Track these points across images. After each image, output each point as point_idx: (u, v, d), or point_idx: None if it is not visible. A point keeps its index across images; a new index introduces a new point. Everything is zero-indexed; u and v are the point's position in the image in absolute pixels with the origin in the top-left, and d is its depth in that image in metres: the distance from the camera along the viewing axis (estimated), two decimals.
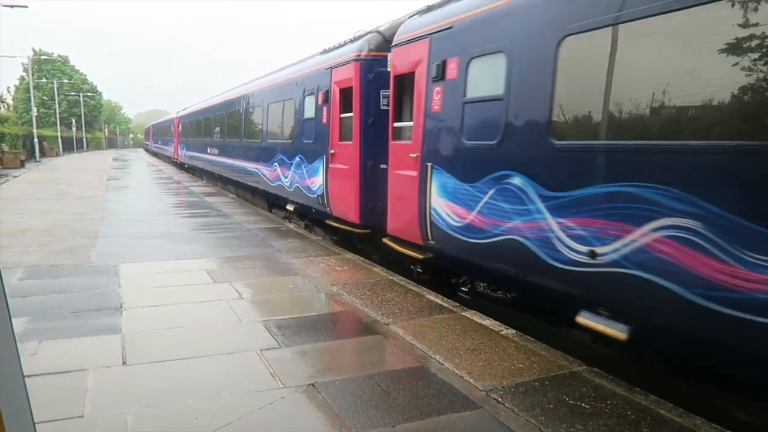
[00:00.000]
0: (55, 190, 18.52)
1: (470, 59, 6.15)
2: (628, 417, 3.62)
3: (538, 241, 5.06)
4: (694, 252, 3.67)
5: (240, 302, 6.09)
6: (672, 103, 3.95)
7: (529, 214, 5.16)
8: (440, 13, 6.92)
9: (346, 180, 9.34)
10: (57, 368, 4.20)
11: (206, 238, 10.09)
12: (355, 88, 8.92)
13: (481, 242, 5.89)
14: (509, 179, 5.45)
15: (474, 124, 6.13)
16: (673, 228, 3.83)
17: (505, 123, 5.53)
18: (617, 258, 4.25)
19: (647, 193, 3.99)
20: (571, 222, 4.69)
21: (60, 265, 7.60)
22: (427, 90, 6.94)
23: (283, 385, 4.02)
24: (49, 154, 52.26)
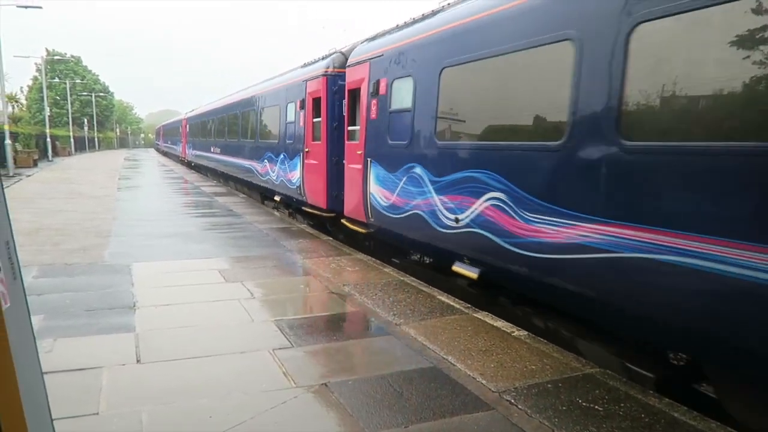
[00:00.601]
0: (68, 190, 18.69)
1: (393, 80, 8.00)
2: (642, 420, 3.59)
3: (430, 213, 6.92)
4: (502, 215, 5.56)
5: (252, 302, 6.12)
6: (490, 119, 6.18)
7: (425, 194, 7.06)
8: (376, 43, 8.88)
9: (316, 173, 11.13)
10: (72, 366, 4.24)
11: (217, 238, 10.14)
12: (322, 98, 10.74)
13: (399, 216, 7.78)
14: (414, 169, 7.34)
15: (395, 128, 7.93)
16: (493, 199, 5.72)
17: (412, 128, 7.43)
18: (468, 222, 6.13)
19: (481, 176, 5.93)
20: (446, 198, 6.59)
21: (73, 263, 7.66)
22: (368, 102, 8.79)
23: (296, 384, 4.03)
24: (61, 154, 52.68)
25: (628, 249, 4.19)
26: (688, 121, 3.95)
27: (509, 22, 5.60)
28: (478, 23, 6.16)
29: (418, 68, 7.36)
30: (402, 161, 7.66)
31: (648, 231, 4.03)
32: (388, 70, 8.18)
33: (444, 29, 6.87)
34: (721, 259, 3.52)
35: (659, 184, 4.02)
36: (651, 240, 4.00)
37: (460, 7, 6.73)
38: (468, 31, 6.32)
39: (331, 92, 10.61)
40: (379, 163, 8.42)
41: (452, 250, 6.59)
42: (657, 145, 4.04)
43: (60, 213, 12.71)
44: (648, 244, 4.03)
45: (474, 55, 6.15)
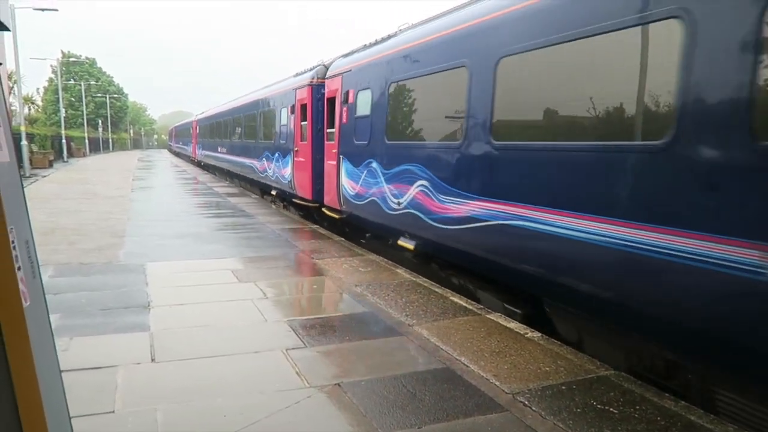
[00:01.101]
0: (83, 190, 18.89)
1: (358, 91, 9.74)
2: (658, 422, 3.56)
3: (382, 199, 8.56)
4: (427, 198, 7.15)
5: (265, 302, 6.14)
6: (419, 123, 7.86)
7: (378, 184, 8.69)
8: (347, 59, 10.78)
9: (303, 170, 12.76)
10: (88, 364, 4.28)
11: (230, 238, 10.19)
12: (308, 105, 12.36)
13: (362, 203, 9.43)
14: (371, 164, 8.97)
15: (359, 131, 9.62)
16: (421, 186, 7.32)
17: (370, 130, 9.11)
18: (406, 204, 7.74)
19: (414, 168, 7.54)
20: (392, 186, 8.21)
21: (89, 263, 7.74)
22: (340, 108, 10.51)
23: (309, 384, 4.04)
24: (76, 155, 53.28)
25: (498, 218, 5.80)
26: (527, 127, 5.85)
27: (432, 50, 7.41)
28: (413, 48, 8.00)
29: (374, 82, 9.11)
30: (363, 157, 9.38)
31: (509, 204, 5.63)
32: (355, 83, 9.98)
33: (391, 52, 8.71)
34: (544, 222, 5.14)
35: (515, 171, 5.71)
36: (511, 211, 5.60)
37: (401, 36, 8.75)
38: (407, 54, 8.16)
39: (316, 99, 12.19)
40: (348, 159, 10.13)
41: (397, 227, 8.25)
42: (511, 144, 5.79)
43: (75, 213, 12.85)
44: (510, 215, 5.61)
45: (409, 74, 8.00)
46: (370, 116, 9.17)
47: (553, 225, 5.02)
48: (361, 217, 9.69)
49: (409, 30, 8.69)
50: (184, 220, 12.46)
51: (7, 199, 1.64)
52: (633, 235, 4.23)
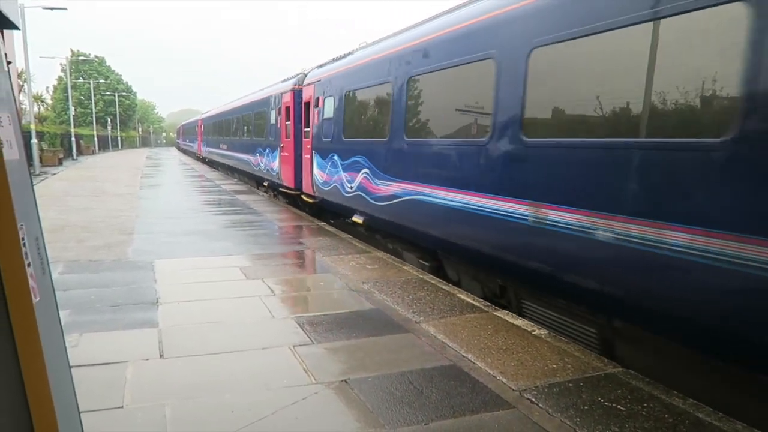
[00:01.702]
0: (92, 188, 19.02)
1: (325, 97, 11.88)
2: (666, 420, 3.55)
3: (341, 185, 10.65)
4: (368, 182, 9.08)
5: (272, 299, 6.17)
6: (363, 124, 9.99)
7: (338, 173, 10.78)
8: (318, 71, 13.11)
9: (288, 163, 14.90)
10: (97, 360, 4.32)
11: (238, 236, 10.24)
12: (291, 108, 14.56)
13: (328, 189, 11.58)
14: (334, 157, 11.11)
15: (326, 130, 11.78)
16: (364, 173, 9.29)
17: (333, 130, 11.26)
18: (356, 187, 9.76)
19: (360, 159, 9.54)
20: (347, 174, 10.28)
21: (98, 260, 7.80)
22: (313, 111, 12.73)
23: (317, 380, 4.06)
24: (85, 153, 53.62)
25: (407, 194, 7.98)
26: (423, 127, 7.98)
27: (373, 67, 9.59)
28: (362, 65, 10.21)
29: (336, 91, 11.30)
30: (329, 152, 11.53)
31: (416, 185, 7.71)
32: (324, 91, 12.13)
33: (347, 67, 11.00)
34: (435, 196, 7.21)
35: (419, 158, 7.79)
36: (417, 189, 7.70)
37: (356, 53, 10.99)
38: (358, 69, 10.41)
39: (297, 103, 14.27)
40: (319, 153, 12.28)
41: (351, 207, 10.37)
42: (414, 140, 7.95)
43: (85, 210, 12.94)
44: (416, 192, 7.72)
45: (358, 86, 10.28)
46: (333, 118, 11.38)
47: (441, 198, 7.08)
48: (328, 200, 11.93)
49: (362, 48, 10.99)
50: (192, 217, 12.52)
51: (17, 196, 1.65)
52: (477, 201, 6.30)
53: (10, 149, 1.70)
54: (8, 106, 1.75)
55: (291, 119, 14.46)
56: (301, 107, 14.00)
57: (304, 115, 13.74)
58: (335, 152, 11.09)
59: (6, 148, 1.62)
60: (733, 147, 3.59)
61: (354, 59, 10.80)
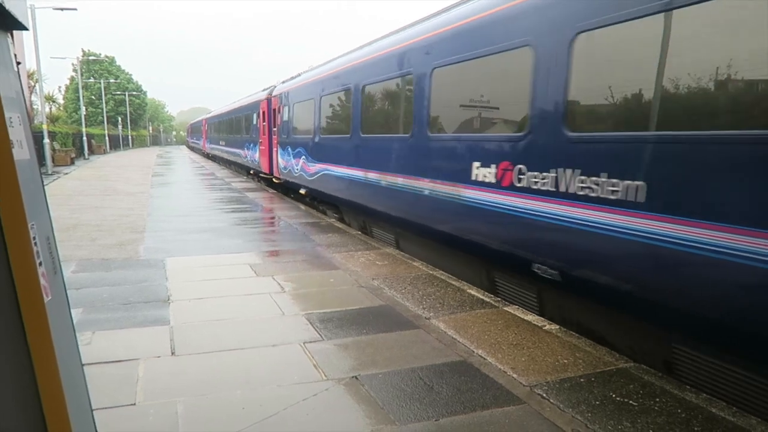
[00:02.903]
0: (104, 187, 19.16)
1: (284, 106, 16.04)
2: (678, 415, 3.52)
3: (292, 168, 15.10)
4: (306, 165, 13.68)
5: (282, 295, 6.19)
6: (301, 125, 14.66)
7: (290, 160, 15.22)
8: (282, 86, 17.23)
9: (264, 154, 19.55)
10: (110, 357, 4.36)
11: (248, 233, 10.28)
12: (265, 112, 19.07)
13: (286, 172, 15.78)
14: (288, 149, 15.51)
15: (284, 130, 16.04)
16: (303, 159, 13.91)
17: (288, 130, 15.65)
18: (300, 170, 14.28)
19: (301, 150, 14.11)
20: (295, 160, 14.72)
21: (110, 258, 7.86)
22: (278, 116, 17.15)
23: (327, 377, 4.07)
24: (97, 152, 53.97)
25: (322, 171, 12.17)
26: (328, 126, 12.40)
27: (305, 88, 13.86)
28: (300, 86, 14.68)
29: (289, 102, 15.80)
30: (286, 145, 16.06)
31: (326, 165, 11.86)
32: (282, 101, 16.74)
33: (295, 86, 15.40)
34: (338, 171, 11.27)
35: (326, 148, 11.93)
36: (326, 167, 11.86)
37: (299, 77, 15.40)
38: (298, 88, 14.83)
39: (270, 109, 18.60)
40: (281, 147, 16.81)
41: (299, 183, 14.64)
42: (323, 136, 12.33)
43: (97, 209, 13.04)
44: (326, 169, 11.86)
45: (298, 99, 14.71)
46: (287, 121, 15.97)
47: (349, 175, 10.47)
48: (287, 180, 16.28)
49: (304, 72, 15.36)
50: (203, 215, 12.58)
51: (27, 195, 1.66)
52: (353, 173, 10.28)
53: (21, 149, 1.71)
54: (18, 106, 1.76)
55: (266, 121, 18.93)
56: (272, 112, 18.22)
57: (274, 118, 17.89)
58: (289, 145, 15.65)
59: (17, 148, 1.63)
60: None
61: (297, 80, 15.44)
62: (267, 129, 18.59)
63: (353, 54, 11.11)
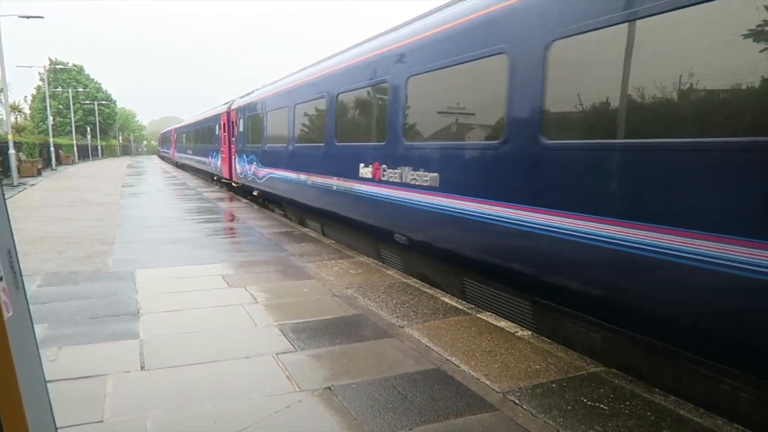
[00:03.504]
0: (72, 198, 18.76)
1: (239, 119, 18.70)
2: (648, 418, 3.58)
3: (247, 173, 17.35)
4: (257, 170, 15.99)
5: (255, 306, 6.13)
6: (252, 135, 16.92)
7: (245, 166, 17.55)
8: (239, 100, 19.56)
9: (225, 161, 21.71)
10: (76, 374, 4.25)
11: (220, 243, 10.16)
12: (225, 124, 21.25)
13: (242, 176, 18.19)
14: (243, 156, 17.82)
15: (240, 140, 18.50)
16: (255, 165, 16.26)
17: (244, 139, 17.87)
18: (252, 174, 16.71)
19: (253, 157, 16.41)
20: (249, 166, 17.03)
21: (78, 271, 7.69)
22: (235, 127, 19.32)
23: (300, 388, 4.04)
24: (65, 162, 52.87)
25: (269, 174, 14.49)
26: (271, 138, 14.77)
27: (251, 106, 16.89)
28: (251, 101, 17.00)
29: (244, 115, 17.94)
30: (241, 153, 18.26)
31: (272, 169, 14.20)
32: (238, 114, 19.02)
33: (246, 102, 17.71)
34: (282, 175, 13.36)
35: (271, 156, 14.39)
36: (272, 172, 14.22)
37: (252, 94, 17.51)
38: (248, 104, 17.48)
39: (229, 121, 20.66)
40: (238, 155, 18.99)
41: (252, 186, 16.74)
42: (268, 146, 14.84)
43: (64, 221, 12.76)
44: (272, 173, 14.21)
45: (249, 114, 17.15)
46: (243, 132, 18.18)
47: (287, 177, 12.71)
48: (243, 183, 18.32)
49: (257, 90, 17.72)
50: (174, 225, 12.40)
51: None
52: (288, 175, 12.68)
53: None
54: None
55: (226, 132, 20.99)
56: (231, 124, 20.20)
57: (233, 129, 19.99)
58: (244, 153, 17.82)
59: None
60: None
61: (251, 96, 17.67)
62: (227, 139, 20.80)
63: (288, 78, 13.83)
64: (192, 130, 34.18)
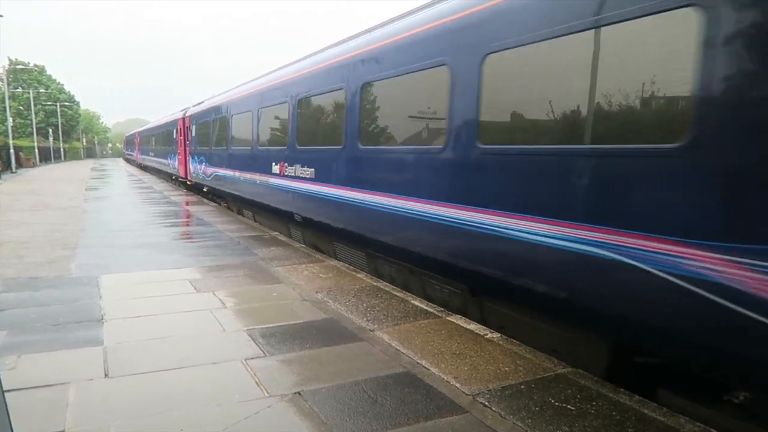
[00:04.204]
0: (33, 201, 18.24)
1: (192, 125, 21.29)
2: (614, 417, 3.65)
3: (198, 172, 20.13)
4: (206, 168, 18.80)
5: (224, 311, 6.04)
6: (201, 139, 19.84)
7: (197, 166, 20.35)
8: (193, 109, 21.97)
9: (181, 162, 23.98)
10: (37, 382, 4.12)
11: (188, 248, 10.00)
12: (181, 128, 23.43)
13: (195, 175, 20.98)
14: (196, 158, 20.50)
15: (193, 143, 21.19)
16: (204, 164, 19.06)
17: (195, 142, 20.71)
18: (201, 173, 19.52)
19: (203, 158, 19.17)
20: (199, 166, 19.78)
21: (39, 277, 7.47)
22: (189, 132, 21.74)
23: (269, 394, 3.99)
24: (25, 165, 51.41)
25: (216, 173, 17.26)
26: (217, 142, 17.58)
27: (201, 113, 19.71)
28: (203, 109, 19.19)
29: (195, 121, 20.46)
30: (194, 155, 20.74)
31: (218, 168, 17.01)
32: (191, 120, 21.24)
33: (198, 110, 20.01)
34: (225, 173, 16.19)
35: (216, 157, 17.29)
36: (218, 170, 17.00)
37: (203, 104, 20.01)
38: (199, 112, 19.81)
39: (185, 126, 22.81)
40: (192, 156, 21.33)
41: (203, 183, 19.46)
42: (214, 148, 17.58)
43: (25, 225, 12.39)
44: (218, 171, 16.98)
45: (199, 121, 19.83)
46: (195, 137, 20.64)
47: (226, 174, 15.69)
48: (196, 181, 21.05)
49: (206, 100, 19.94)
50: (140, 229, 12.16)
51: None
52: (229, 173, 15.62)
53: None
54: None
55: (182, 136, 23.40)
56: (186, 128, 22.52)
57: (188, 134, 22.37)
58: (196, 155, 20.49)
59: None
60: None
61: (201, 106, 20.23)
62: (183, 142, 23.32)
63: (228, 93, 16.81)
64: (154, 134, 37.21)
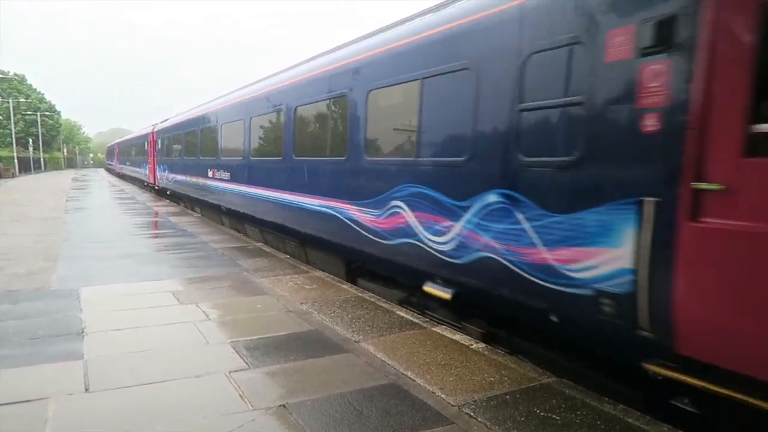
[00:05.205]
0: (13, 212, 17.96)
1: (158, 138, 25.50)
2: (598, 427, 3.67)
3: (162, 178, 24.66)
4: (171, 175, 22.53)
5: (207, 323, 5.98)
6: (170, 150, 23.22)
7: (163, 173, 24.66)
8: (161, 125, 25.89)
9: (151, 171, 28.05)
10: (16, 397, 4.04)
11: (171, 259, 9.90)
12: (151, 141, 27.40)
13: (162, 181, 25.02)
14: (162, 166, 24.97)
15: (159, 154, 25.57)
16: (166, 171, 23.62)
17: (162, 153, 24.92)
18: (172, 179, 22.21)
19: (166, 166, 23.91)
20: (165, 173, 23.98)
21: (18, 290, 7.34)
22: (158, 145, 25.89)
23: (253, 407, 3.95)
24: (5, 175, 50.75)
25: (176, 178, 21.27)
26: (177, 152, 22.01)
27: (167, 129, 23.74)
28: (170, 125, 23.01)
29: (163, 137, 24.24)
30: (161, 164, 25.20)
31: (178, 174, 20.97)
32: (159, 135, 25.27)
33: (163, 126, 24.84)
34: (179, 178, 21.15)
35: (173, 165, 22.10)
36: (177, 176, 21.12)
37: (168, 120, 24.44)
38: (163, 128, 24.49)
39: (154, 140, 26.33)
40: (159, 165, 25.58)
41: (167, 187, 23.50)
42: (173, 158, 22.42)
43: (4, 236, 12.19)
44: (178, 177, 21.01)
45: (165, 135, 23.92)
46: (161, 149, 24.34)
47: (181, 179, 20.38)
48: (161, 186, 24.75)
49: (172, 118, 23.25)
50: (123, 240, 12.01)
51: None
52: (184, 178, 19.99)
53: None
54: None
55: (152, 147, 27.07)
56: (155, 141, 26.22)
57: (155, 146, 26.12)
58: (162, 164, 24.28)
59: None
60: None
61: (164, 123, 24.54)
62: (152, 153, 27.20)
63: (183, 114, 20.78)
64: (129, 145, 42.42)
